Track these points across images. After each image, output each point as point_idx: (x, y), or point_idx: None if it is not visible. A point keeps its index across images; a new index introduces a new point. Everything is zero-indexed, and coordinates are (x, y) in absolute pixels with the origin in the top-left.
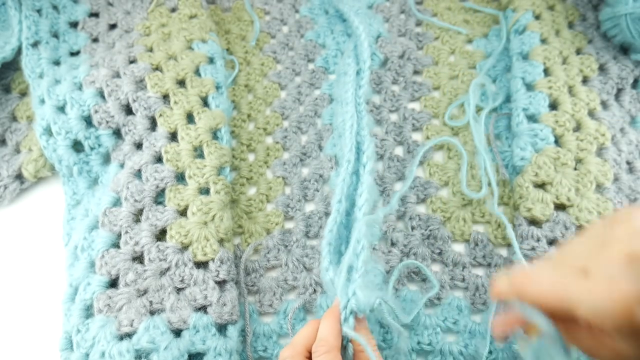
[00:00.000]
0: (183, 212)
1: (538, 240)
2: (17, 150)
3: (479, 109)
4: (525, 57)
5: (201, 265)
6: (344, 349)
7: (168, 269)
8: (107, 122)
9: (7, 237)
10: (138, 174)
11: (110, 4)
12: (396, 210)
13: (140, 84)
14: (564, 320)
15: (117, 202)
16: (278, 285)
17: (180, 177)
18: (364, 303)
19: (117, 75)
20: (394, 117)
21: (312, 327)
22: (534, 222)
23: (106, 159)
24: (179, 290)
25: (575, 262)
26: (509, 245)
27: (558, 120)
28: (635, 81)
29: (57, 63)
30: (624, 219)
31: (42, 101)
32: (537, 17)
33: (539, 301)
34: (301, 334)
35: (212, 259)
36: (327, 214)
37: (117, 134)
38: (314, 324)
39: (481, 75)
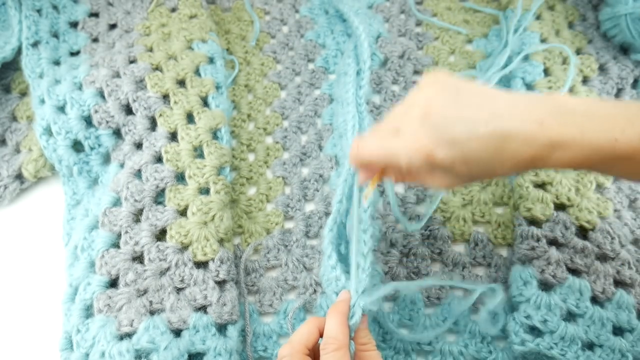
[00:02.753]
0: (183, 212)
1: (538, 240)
2: (17, 150)
3: None
4: (525, 57)
5: (201, 265)
6: None
7: (168, 269)
8: (107, 122)
9: (7, 237)
10: (138, 174)
11: (110, 4)
12: None
13: (140, 84)
14: (394, 171)
15: (117, 202)
16: (278, 285)
17: (180, 177)
18: (373, 302)
19: (117, 75)
20: None
21: (311, 325)
22: (534, 222)
23: (106, 159)
24: (179, 290)
25: (392, 125)
26: (509, 245)
27: None
28: (635, 81)
29: (57, 63)
30: (426, 84)
31: (42, 101)
32: (537, 17)
33: (371, 160)
34: (300, 331)
35: (212, 259)
36: (327, 214)
37: (117, 134)
38: (314, 322)
39: (481, 75)
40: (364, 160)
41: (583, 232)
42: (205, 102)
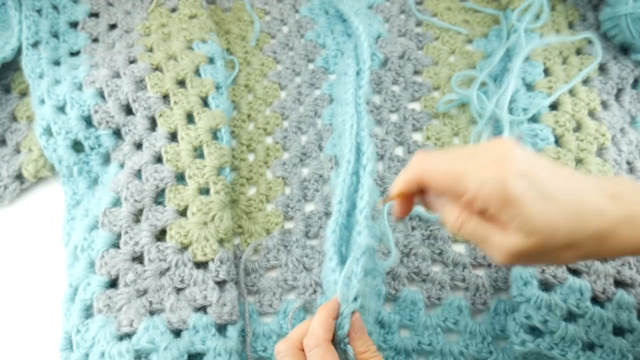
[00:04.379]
0: (183, 212)
1: None
2: (17, 150)
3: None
4: (525, 57)
5: (201, 265)
6: (343, 352)
7: (168, 269)
8: (107, 122)
9: (7, 237)
10: (138, 174)
11: (110, 4)
12: None
13: (140, 84)
14: (453, 195)
15: (117, 202)
16: (278, 285)
17: (180, 177)
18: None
19: (117, 75)
20: (394, 117)
21: (308, 324)
22: None
23: (106, 159)
24: (178, 290)
25: (464, 153)
26: None
27: (558, 120)
28: (635, 81)
29: (57, 63)
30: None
31: (42, 101)
32: (537, 17)
33: (434, 175)
34: (296, 329)
35: (212, 259)
36: (327, 214)
37: (117, 134)
38: (310, 322)
39: (482, 75)
40: (425, 175)
41: None
42: (205, 102)
